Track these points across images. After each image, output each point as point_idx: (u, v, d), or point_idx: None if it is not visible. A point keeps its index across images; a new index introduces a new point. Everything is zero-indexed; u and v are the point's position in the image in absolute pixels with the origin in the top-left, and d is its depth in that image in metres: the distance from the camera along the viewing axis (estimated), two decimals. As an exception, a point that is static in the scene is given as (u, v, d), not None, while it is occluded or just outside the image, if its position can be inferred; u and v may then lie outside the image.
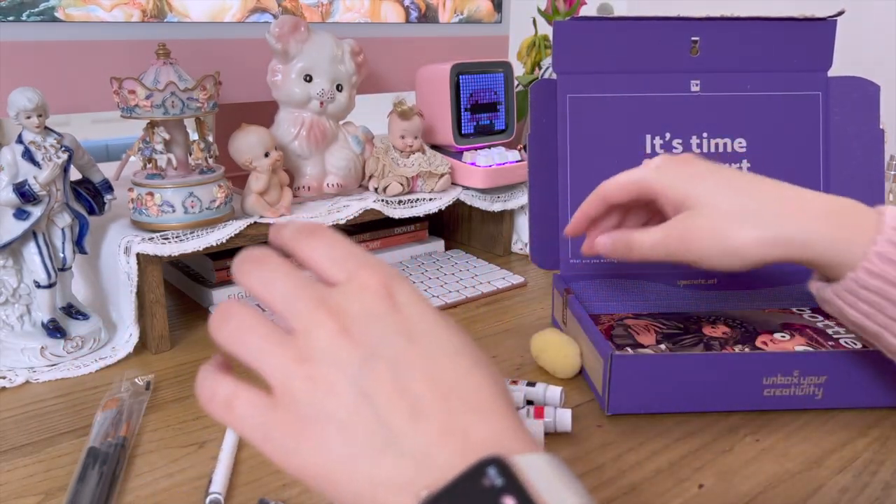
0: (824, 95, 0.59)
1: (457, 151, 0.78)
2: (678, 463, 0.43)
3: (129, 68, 0.61)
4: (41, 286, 0.55)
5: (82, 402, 0.51)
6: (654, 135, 0.58)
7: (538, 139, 0.58)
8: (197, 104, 0.58)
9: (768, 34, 0.58)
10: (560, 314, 0.59)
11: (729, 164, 0.59)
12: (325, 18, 0.78)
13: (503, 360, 0.56)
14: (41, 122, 0.52)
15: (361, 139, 0.72)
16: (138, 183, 0.59)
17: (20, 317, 0.56)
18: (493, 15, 0.92)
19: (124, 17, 0.65)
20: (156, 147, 0.58)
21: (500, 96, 0.79)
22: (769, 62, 0.58)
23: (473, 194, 0.76)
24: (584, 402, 0.50)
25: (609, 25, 0.57)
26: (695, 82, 0.58)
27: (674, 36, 0.58)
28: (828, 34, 0.58)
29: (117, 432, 0.45)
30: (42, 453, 0.45)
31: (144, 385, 0.52)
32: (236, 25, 0.71)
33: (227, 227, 0.60)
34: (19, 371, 0.54)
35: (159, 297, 0.58)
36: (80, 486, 0.40)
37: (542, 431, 0.43)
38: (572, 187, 0.58)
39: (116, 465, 0.42)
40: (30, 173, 0.52)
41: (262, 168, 0.63)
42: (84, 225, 0.57)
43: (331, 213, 0.67)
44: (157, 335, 0.58)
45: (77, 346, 0.56)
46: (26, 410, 0.50)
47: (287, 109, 0.68)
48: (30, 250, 0.55)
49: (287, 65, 0.67)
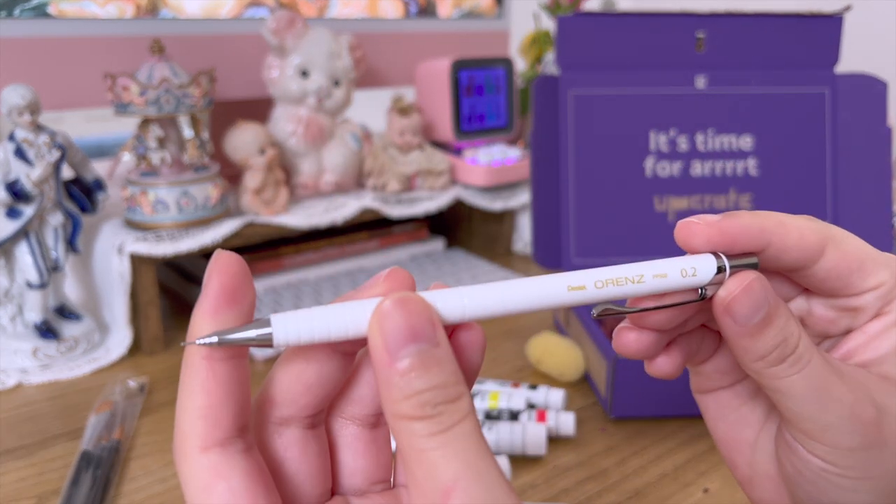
0: (831, 92, 0.58)
1: (457, 149, 0.77)
2: (683, 467, 0.42)
3: (123, 65, 0.60)
4: (33, 286, 0.54)
5: (75, 404, 0.50)
6: (658, 131, 0.57)
7: (540, 136, 0.57)
8: (192, 101, 0.57)
9: (774, 30, 0.57)
10: (562, 315, 0.58)
11: (734, 161, 0.58)
12: (323, 13, 0.77)
13: (504, 363, 0.56)
14: (33, 119, 0.51)
15: (359, 136, 0.72)
16: (132, 181, 0.58)
17: (12, 318, 0.55)
18: (493, 9, 0.91)
19: (118, 12, 0.64)
20: (150, 145, 0.58)
21: (501, 92, 0.79)
22: (775, 58, 0.57)
23: (474, 193, 0.75)
24: (586, 405, 0.49)
25: (612, 21, 0.56)
26: (700, 79, 0.57)
27: (679, 32, 0.57)
28: (834, 30, 0.57)
29: (111, 435, 0.44)
30: (35, 456, 0.44)
31: (138, 387, 0.51)
32: (231, 21, 0.70)
33: (222, 227, 0.59)
34: (11, 373, 0.53)
35: (153, 297, 0.57)
36: (73, 489, 0.39)
37: (545, 435, 0.42)
38: (575, 185, 0.57)
39: (110, 469, 0.41)
40: (22, 171, 0.51)
41: (257, 166, 0.62)
42: (77, 224, 0.56)
43: (328, 211, 0.66)
44: (150, 336, 0.57)
45: (70, 348, 0.55)
46: (18, 413, 0.49)
47: (283, 106, 0.68)
48: (21, 250, 0.54)
49: (283, 60, 0.66)
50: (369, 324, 0.18)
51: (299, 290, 0.68)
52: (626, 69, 0.57)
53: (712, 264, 0.22)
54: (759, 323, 0.22)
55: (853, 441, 0.22)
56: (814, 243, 0.23)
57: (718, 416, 0.27)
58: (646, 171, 0.57)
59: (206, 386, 0.18)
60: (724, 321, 0.22)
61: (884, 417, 0.22)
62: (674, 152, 0.57)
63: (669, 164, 0.57)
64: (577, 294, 0.20)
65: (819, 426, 0.22)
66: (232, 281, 0.19)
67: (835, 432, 0.22)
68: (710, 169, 0.58)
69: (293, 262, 0.70)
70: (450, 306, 0.19)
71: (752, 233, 0.23)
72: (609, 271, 0.21)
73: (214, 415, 0.18)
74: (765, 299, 0.22)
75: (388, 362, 0.18)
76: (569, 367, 0.51)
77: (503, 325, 0.62)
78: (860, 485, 0.22)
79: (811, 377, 0.22)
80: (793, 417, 0.22)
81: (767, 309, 0.22)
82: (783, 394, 0.22)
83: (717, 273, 0.22)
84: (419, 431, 0.17)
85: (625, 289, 0.21)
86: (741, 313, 0.22)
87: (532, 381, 0.52)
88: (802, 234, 0.23)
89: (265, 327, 0.18)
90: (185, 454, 0.18)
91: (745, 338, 0.22)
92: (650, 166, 0.57)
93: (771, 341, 0.22)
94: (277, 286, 0.69)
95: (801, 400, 0.22)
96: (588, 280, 0.20)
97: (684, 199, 0.58)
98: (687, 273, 0.21)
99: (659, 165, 0.57)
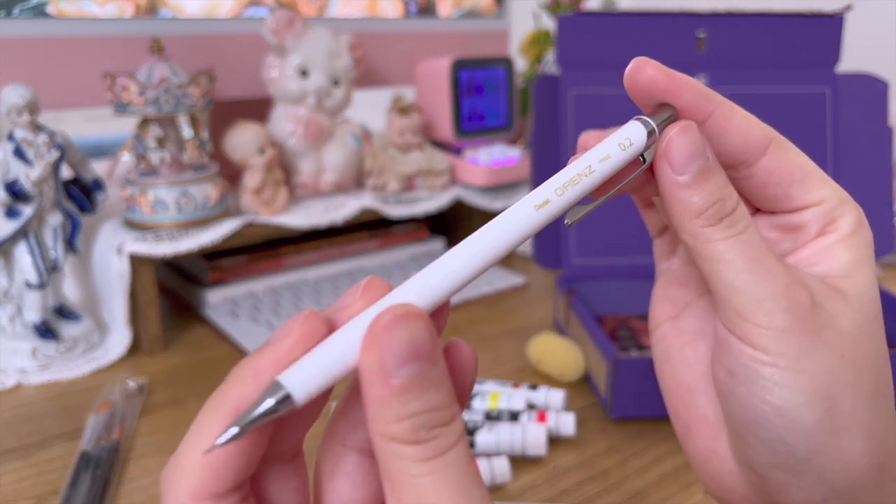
0: (832, 92, 0.58)
1: (457, 148, 0.77)
2: (684, 468, 0.42)
3: (123, 64, 0.60)
4: (32, 287, 0.54)
5: (75, 404, 0.50)
6: (658, 132, 0.57)
7: (540, 136, 0.57)
8: (191, 101, 0.57)
9: (775, 30, 0.57)
10: (562, 315, 0.58)
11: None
12: (322, 13, 0.77)
13: (504, 363, 0.55)
14: (33, 119, 0.51)
15: (359, 136, 0.71)
16: (131, 181, 0.58)
17: (11, 318, 0.55)
18: (493, 9, 0.91)
19: (117, 12, 0.64)
20: (149, 144, 0.57)
21: (501, 92, 0.79)
22: (776, 58, 0.57)
23: (474, 193, 0.75)
24: (587, 405, 0.49)
25: (613, 20, 0.56)
26: (700, 78, 0.57)
27: (679, 31, 0.57)
28: (835, 30, 0.57)
29: (110, 436, 0.44)
30: (34, 457, 0.44)
31: (138, 388, 0.51)
32: (231, 21, 0.70)
33: (221, 226, 0.59)
34: (10, 373, 0.53)
35: (152, 297, 0.57)
36: (72, 490, 0.39)
37: (545, 436, 0.42)
38: (574, 185, 0.57)
39: (109, 470, 0.41)
40: (21, 171, 0.51)
41: (257, 165, 0.62)
42: (76, 224, 0.56)
43: (328, 211, 0.66)
44: (150, 336, 0.57)
45: (69, 348, 0.55)
46: (17, 413, 0.49)
47: (283, 106, 0.67)
48: (21, 250, 0.54)
49: (283, 60, 0.66)
50: (363, 339, 0.17)
51: (299, 290, 0.68)
52: (627, 69, 0.57)
53: (642, 129, 0.22)
54: (696, 173, 0.22)
55: (785, 320, 0.21)
56: (758, 136, 0.23)
57: (663, 357, 0.26)
58: (646, 171, 0.57)
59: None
60: (662, 171, 0.22)
61: (819, 310, 0.21)
62: (674, 152, 0.57)
63: (670, 164, 0.57)
64: (546, 210, 0.20)
65: (752, 300, 0.21)
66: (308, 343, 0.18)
67: (768, 308, 0.21)
68: (711, 169, 0.58)
69: (293, 262, 0.70)
70: (435, 282, 0.19)
71: (699, 92, 0.23)
72: (561, 175, 0.21)
73: (221, 470, 0.17)
74: (702, 147, 0.22)
75: (383, 380, 0.16)
76: (569, 367, 0.51)
77: (503, 326, 0.62)
78: (791, 378, 0.21)
79: (748, 245, 0.21)
80: (726, 291, 0.22)
81: (705, 161, 0.22)
82: (717, 261, 0.21)
83: (649, 134, 0.22)
84: (410, 456, 0.16)
85: (581, 185, 0.21)
86: (678, 157, 0.22)
87: (532, 381, 0.52)
88: (749, 123, 0.23)
89: (279, 391, 0.17)
90: (177, 495, 0.17)
91: (682, 189, 0.22)
92: (650, 166, 0.57)
93: (708, 196, 0.21)
94: (277, 286, 0.69)
95: (737, 268, 0.21)
96: (548, 192, 0.21)
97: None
98: (624, 146, 0.22)
99: (659, 165, 0.57)
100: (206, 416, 0.18)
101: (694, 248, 0.22)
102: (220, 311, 0.63)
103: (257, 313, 0.62)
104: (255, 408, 0.17)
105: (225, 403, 0.17)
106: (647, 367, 0.45)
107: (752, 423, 0.22)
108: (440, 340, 0.18)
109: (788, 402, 0.21)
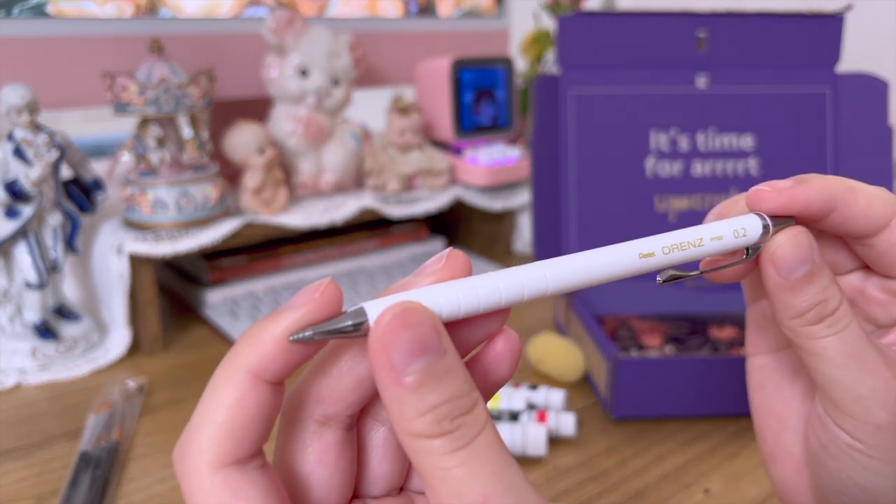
0: (832, 92, 0.58)
1: (457, 148, 0.77)
2: (684, 468, 0.42)
3: (122, 64, 0.60)
4: (32, 287, 0.54)
5: (74, 404, 0.50)
6: (659, 131, 0.57)
7: (541, 136, 0.57)
8: (191, 100, 0.56)
9: (775, 30, 0.57)
10: (562, 315, 0.58)
11: (735, 161, 0.58)
12: (322, 12, 0.77)
13: (504, 362, 0.55)
14: (32, 119, 0.51)
15: (359, 136, 0.71)
16: (131, 181, 0.58)
17: (11, 318, 0.55)
18: (493, 9, 0.91)
19: (117, 12, 0.64)
20: (149, 144, 0.57)
21: (502, 91, 0.78)
22: (776, 58, 0.57)
23: (474, 192, 0.75)
24: (587, 405, 0.49)
25: (613, 20, 0.56)
26: (701, 78, 0.57)
27: (679, 31, 0.57)
28: (835, 30, 0.57)
29: (110, 436, 0.44)
30: (33, 457, 0.44)
31: (137, 388, 0.51)
32: (231, 20, 0.70)
33: (221, 226, 0.59)
34: (10, 373, 0.53)
35: (152, 297, 0.57)
36: (72, 490, 0.39)
37: (545, 436, 0.42)
38: (576, 184, 0.57)
39: (109, 470, 0.41)
40: (21, 171, 0.51)
41: (257, 165, 0.62)
42: (76, 224, 0.56)
43: (328, 211, 0.66)
44: (150, 337, 0.57)
45: (69, 348, 0.55)
46: (17, 413, 0.49)
47: (283, 105, 0.67)
48: (20, 250, 0.54)
49: (283, 60, 0.66)
50: (369, 340, 0.17)
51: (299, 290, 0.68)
52: (627, 68, 0.57)
53: (758, 225, 0.23)
54: (801, 278, 0.22)
55: (882, 417, 0.22)
56: (880, 213, 0.23)
57: (758, 384, 0.27)
58: (646, 171, 0.57)
59: (244, 402, 0.17)
60: (767, 272, 0.22)
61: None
62: (674, 152, 0.57)
63: (670, 164, 0.57)
64: (648, 261, 0.21)
65: (851, 395, 0.22)
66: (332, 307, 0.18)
67: (865, 405, 0.22)
68: (711, 168, 0.58)
69: (293, 262, 0.70)
70: (516, 290, 0.20)
71: (821, 199, 0.23)
72: (673, 237, 0.22)
73: (242, 433, 0.17)
74: (809, 254, 0.22)
75: (395, 379, 0.16)
76: (569, 367, 0.51)
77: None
78: (882, 467, 0.22)
79: (847, 342, 0.22)
80: (825, 384, 0.22)
81: (811, 266, 0.22)
82: (817, 356, 0.22)
83: (763, 233, 0.23)
84: (439, 449, 0.16)
85: (687, 253, 0.22)
86: (785, 262, 0.22)
87: (532, 381, 0.52)
88: (870, 203, 0.23)
89: (360, 316, 0.17)
90: (197, 468, 0.17)
91: (786, 291, 0.22)
92: (651, 166, 0.57)
93: (811, 298, 0.22)
94: (277, 286, 0.69)
95: (835, 364, 0.22)
96: (656, 247, 0.21)
97: (685, 199, 0.58)
98: (738, 233, 0.23)
99: (659, 165, 0.57)
100: (220, 383, 0.17)
101: (794, 342, 0.23)
102: (220, 311, 0.63)
103: (257, 313, 0.62)
104: (336, 322, 0.17)
105: (241, 368, 0.17)
106: (647, 368, 0.45)
107: (836, 490, 0.23)
108: (445, 331, 0.17)
109: (876, 486, 0.22)
